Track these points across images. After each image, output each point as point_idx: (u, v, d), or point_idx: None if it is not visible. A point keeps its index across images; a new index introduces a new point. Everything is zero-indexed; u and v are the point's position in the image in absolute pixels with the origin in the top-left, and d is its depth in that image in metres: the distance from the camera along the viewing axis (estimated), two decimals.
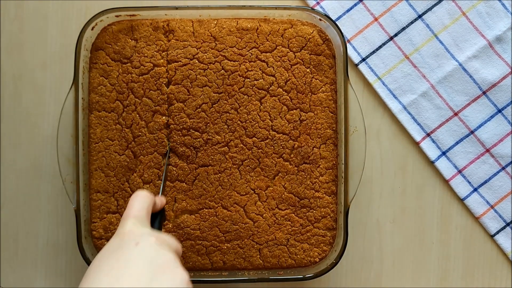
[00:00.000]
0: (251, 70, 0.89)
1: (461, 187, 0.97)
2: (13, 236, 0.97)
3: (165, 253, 0.64)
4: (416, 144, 0.97)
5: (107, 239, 0.89)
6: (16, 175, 0.97)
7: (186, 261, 0.89)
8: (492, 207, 0.97)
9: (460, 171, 0.97)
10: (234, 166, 0.89)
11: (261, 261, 0.90)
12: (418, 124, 0.97)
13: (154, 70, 0.89)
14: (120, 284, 0.58)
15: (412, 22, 0.96)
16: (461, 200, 0.98)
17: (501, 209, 0.97)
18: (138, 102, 0.89)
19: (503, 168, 0.97)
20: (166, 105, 0.89)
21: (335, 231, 0.91)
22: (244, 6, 0.89)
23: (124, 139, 0.89)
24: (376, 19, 0.97)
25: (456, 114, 0.97)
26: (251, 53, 0.89)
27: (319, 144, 0.90)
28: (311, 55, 0.89)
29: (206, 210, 0.89)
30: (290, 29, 0.89)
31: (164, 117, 0.89)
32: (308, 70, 0.89)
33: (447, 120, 0.97)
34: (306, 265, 0.90)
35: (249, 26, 0.89)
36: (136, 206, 0.70)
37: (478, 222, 0.98)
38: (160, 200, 0.77)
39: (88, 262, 0.86)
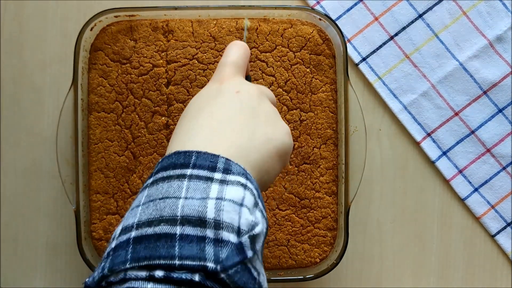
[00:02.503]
0: (251, 70, 0.89)
1: (462, 187, 0.97)
2: (12, 236, 0.97)
3: (266, 103, 0.61)
4: (417, 144, 0.97)
5: (107, 240, 0.89)
6: (15, 176, 0.96)
7: None
8: (492, 207, 0.97)
9: (460, 171, 0.97)
10: None
11: None
12: (419, 124, 0.97)
13: (153, 70, 0.89)
14: (223, 126, 0.55)
15: (412, 22, 0.96)
16: (462, 200, 0.98)
17: (501, 209, 0.97)
18: (137, 102, 0.88)
19: (504, 168, 0.97)
20: (166, 106, 0.88)
21: (336, 231, 0.90)
22: (244, 6, 0.89)
23: (124, 140, 0.89)
24: (376, 19, 0.96)
25: (456, 114, 0.97)
26: (251, 53, 0.89)
27: (319, 144, 0.89)
28: (311, 55, 0.89)
29: None
30: (290, 29, 0.89)
31: (163, 118, 0.88)
32: (308, 70, 0.89)
33: (447, 120, 0.97)
34: (306, 266, 0.90)
35: (248, 24, 0.89)
36: (234, 53, 0.65)
37: (479, 222, 0.98)
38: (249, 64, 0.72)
39: (88, 263, 0.87)
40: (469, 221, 0.98)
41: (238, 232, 0.46)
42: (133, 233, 0.46)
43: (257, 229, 0.48)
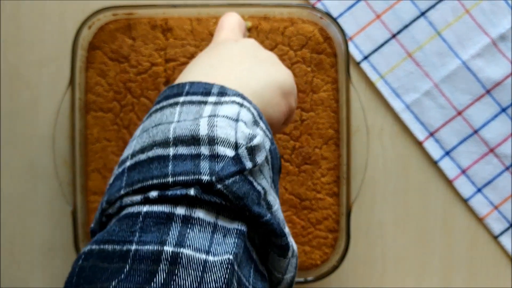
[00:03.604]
0: None
1: (465, 188, 0.97)
2: (9, 237, 0.96)
3: (266, 51, 0.60)
4: (419, 143, 0.97)
5: None
6: (11, 176, 0.96)
7: None
8: (496, 208, 0.97)
9: (463, 171, 0.97)
10: None
11: None
12: (421, 123, 0.96)
13: (152, 69, 0.88)
14: (222, 62, 0.54)
15: (415, 20, 0.96)
16: (465, 201, 0.97)
17: (505, 210, 0.97)
18: (136, 102, 0.88)
19: (507, 168, 0.96)
20: None
21: (337, 233, 0.90)
22: (244, 4, 0.89)
23: (122, 140, 0.88)
24: (378, 17, 0.96)
25: (459, 113, 0.96)
26: None
27: (320, 144, 0.89)
28: (312, 54, 0.89)
29: None
30: (290, 27, 0.89)
31: None
32: (309, 69, 0.89)
33: (450, 120, 0.96)
34: (307, 268, 0.90)
35: (248, 24, 0.88)
36: (229, 21, 0.64)
37: (482, 223, 0.98)
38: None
39: None
40: (472, 222, 0.98)
41: (236, 146, 0.44)
42: (128, 163, 0.45)
43: (256, 140, 0.45)
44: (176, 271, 0.37)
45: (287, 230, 0.49)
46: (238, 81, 0.51)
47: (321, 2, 0.96)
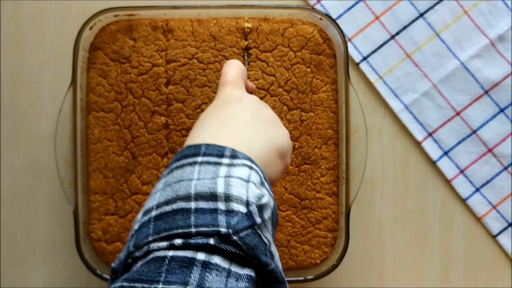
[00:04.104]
0: (251, 70, 0.88)
1: (463, 187, 0.97)
2: (11, 237, 0.97)
3: (267, 109, 0.66)
4: (418, 144, 0.97)
5: (106, 241, 0.89)
6: (13, 176, 0.96)
7: None
8: (494, 207, 0.97)
9: (462, 171, 0.97)
10: None
11: None
12: (420, 123, 0.97)
13: (153, 70, 0.88)
14: (228, 126, 0.60)
15: (413, 21, 0.96)
16: (463, 200, 0.97)
17: (503, 210, 0.97)
18: (136, 102, 0.88)
19: (505, 168, 0.97)
20: (165, 106, 0.88)
21: (337, 232, 0.90)
22: (244, 5, 0.89)
23: (123, 140, 0.89)
24: (377, 18, 0.96)
25: (458, 113, 0.96)
26: (251, 53, 0.89)
27: (320, 144, 0.89)
28: (312, 55, 0.89)
29: None
30: (290, 29, 0.89)
31: (163, 118, 0.88)
32: (308, 69, 0.89)
33: (449, 120, 0.96)
34: (307, 267, 0.90)
35: (249, 25, 0.89)
36: (231, 72, 0.70)
37: (480, 223, 0.98)
38: (251, 84, 0.78)
39: (86, 264, 0.86)
40: (471, 221, 0.98)
41: (247, 204, 0.51)
42: (154, 213, 0.51)
43: (264, 200, 0.52)
44: None
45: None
46: (243, 145, 0.58)
47: (321, 3, 0.96)
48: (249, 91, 0.75)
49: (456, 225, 0.98)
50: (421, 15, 0.96)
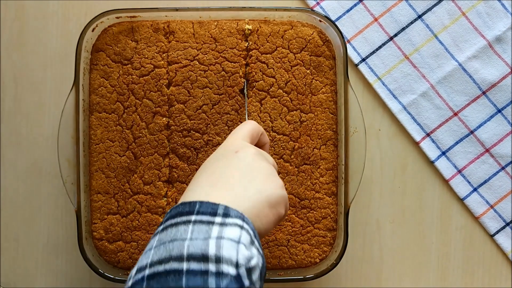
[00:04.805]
0: (251, 72, 0.89)
1: (461, 187, 0.98)
2: (13, 236, 0.97)
3: (261, 161, 0.68)
4: (416, 144, 0.97)
5: (108, 240, 0.89)
6: (16, 176, 0.97)
7: None
8: (491, 207, 0.97)
9: (460, 171, 0.97)
10: None
11: None
12: (418, 124, 0.97)
13: (154, 71, 0.89)
14: (215, 191, 0.62)
15: (412, 22, 0.96)
16: (461, 200, 0.98)
17: (500, 209, 0.97)
18: (138, 103, 0.89)
19: (503, 168, 0.97)
20: (167, 106, 0.89)
21: (336, 231, 0.91)
22: (244, 7, 0.89)
23: (125, 140, 0.89)
24: (376, 19, 0.97)
25: (456, 114, 0.97)
26: (251, 55, 0.89)
27: (319, 145, 0.90)
28: (311, 56, 0.90)
29: None
30: (290, 31, 0.90)
31: (164, 118, 0.89)
32: (308, 71, 0.89)
33: (447, 120, 0.97)
34: (306, 266, 0.91)
35: (249, 27, 0.89)
36: (244, 128, 0.74)
37: (478, 222, 0.98)
38: (268, 146, 0.80)
39: (89, 263, 0.87)
40: (468, 220, 0.98)
41: (237, 265, 0.54)
42: (147, 271, 0.54)
43: (253, 262, 0.56)
44: None
45: None
46: (233, 201, 0.61)
47: (320, 5, 0.96)
48: (261, 145, 0.77)
49: (454, 224, 0.98)
50: (419, 16, 0.96)
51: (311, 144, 0.90)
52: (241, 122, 0.84)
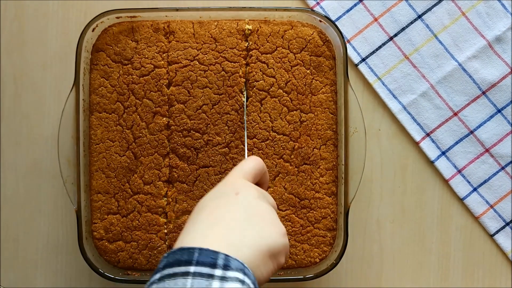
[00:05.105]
0: (251, 72, 0.89)
1: (461, 187, 0.98)
2: (13, 236, 0.97)
3: (263, 204, 0.65)
4: (416, 144, 0.98)
5: (108, 240, 0.89)
6: (16, 176, 0.97)
7: None
8: (491, 206, 0.98)
9: (459, 171, 0.98)
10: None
11: None
12: (418, 124, 0.97)
13: (154, 71, 0.89)
14: (213, 235, 0.59)
15: (412, 22, 0.96)
16: (461, 200, 0.98)
17: (500, 209, 0.98)
18: (138, 103, 0.89)
19: (503, 168, 0.97)
20: (167, 106, 0.89)
21: (335, 231, 0.91)
22: (244, 7, 0.90)
23: (125, 140, 0.89)
24: (376, 19, 0.97)
25: (455, 114, 0.97)
26: (251, 55, 0.89)
27: (319, 145, 0.90)
28: (311, 57, 0.90)
29: None
30: (290, 31, 0.90)
31: (164, 118, 0.89)
32: (308, 71, 0.90)
33: (446, 120, 0.97)
34: (306, 266, 0.91)
35: (249, 27, 0.89)
36: (246, 165, 0.71)
37: (478, 222, 0.98)
38: (267, 184, 0.78)
39: (89, 263, 0.87)
40: (468, 220, 0.98)
41: None
42: None
43: None
44: None
45: None
46: (231, 247, 0.57)
47: (320, 5, 0.96)
48: (261, 183, 0.75)
49: (454, 224, 0.98)
50: (419, 16, 0.96)
51: (311, 144, 0.90)
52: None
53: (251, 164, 0.71)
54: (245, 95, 0.89)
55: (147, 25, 0.89)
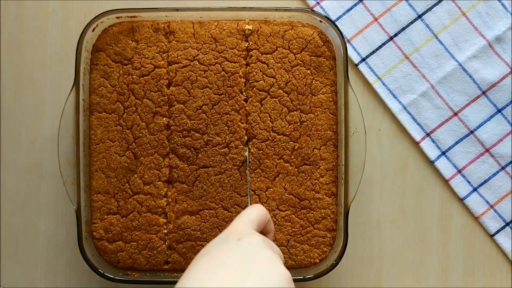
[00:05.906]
0: (251, 72, 0.89)
1: (461, 187, 0.98)
2: (13, 236, 0.97)
3: (266, 251, 0.64)
4: (416, 144, 0.98)
5: (108, 240, 0.89)
6: (16, 176, 0.97)
7: (186, 262, 0.89)
8: (491, 206, 0.98)
9: (460, 171, 0.98)
10: (235, 167, 0.89)
11: None
12: (418, 124, 0.97)
13: (154, 71, 0.89)
14: (213, 281, 0.58)
15: (412, 22, 0.96)
16: (461, 200, 0.98)
17: (500, 209, 0.98)
18: (138, 103, 0.89)
19: (503, 168, 0.97)
20: (167, 107, 0.89)
21: (335, 232, 0.91)
22: (245, 7, 0.89)
23: (125, 140, 0.89)
24: (376, 19, 0.97)
25: (456, 114, 0.97)
26: (252, 55, 0.89)
27: (319, 145, 0.90)
28: (312, 57, 0.90)
29: (206, 211, 0.89)
30: (290, 31, 0.90)
31: (164, 119, 0.89)
32: (308, 71, 0.89)
33: (447, 120, 0.97)
34: (306, 266, 0.91)
35: (249, 27, 0.89)
36: (251, 213, 0.71)
37: (478, 222, 0.98)
38: (273, 234, 0.78)
39: (89, 263, 0.87)
40: (468, 220, 0.99)
41: None
42: None
43: None
44: None
45: None
46: None
47: (320, 5, 0.96)
48: (266, 232, 0.75)
49: (454, 224, 0.98)
50: (419, 16, 0.96)
51: (311, 144, 0.90)
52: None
53: (255, 211, 0.72)
54: (247, 154, 0.90)
55: (147, 25, 0.89)
